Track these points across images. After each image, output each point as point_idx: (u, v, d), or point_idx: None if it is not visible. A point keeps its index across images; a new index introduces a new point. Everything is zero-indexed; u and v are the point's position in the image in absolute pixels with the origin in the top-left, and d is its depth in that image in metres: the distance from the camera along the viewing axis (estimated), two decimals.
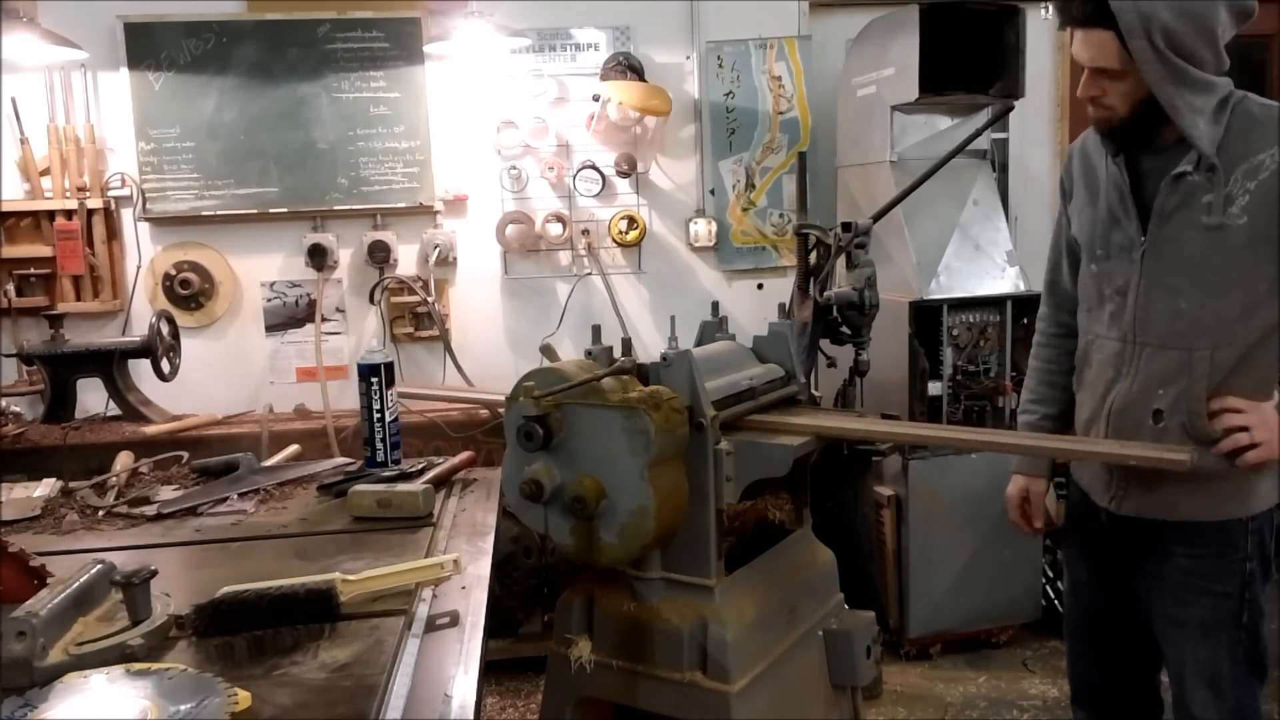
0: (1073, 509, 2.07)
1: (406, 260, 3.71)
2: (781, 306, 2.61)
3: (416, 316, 3.71)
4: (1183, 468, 1.60)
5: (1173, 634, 1.87)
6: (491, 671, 3.26)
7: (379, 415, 2.17)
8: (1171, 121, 1.72)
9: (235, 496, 2.02)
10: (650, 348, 3.60)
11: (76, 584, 1.30)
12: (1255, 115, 1.74)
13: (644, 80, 3.64)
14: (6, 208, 3.47)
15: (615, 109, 3.54)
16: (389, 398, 2.18)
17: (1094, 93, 1.78)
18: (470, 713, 1.13)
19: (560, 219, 3.69)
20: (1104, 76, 1.76)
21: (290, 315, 3.72)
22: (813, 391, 2.28)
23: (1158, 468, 1.67)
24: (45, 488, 2.08)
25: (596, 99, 3.62)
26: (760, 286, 3.90)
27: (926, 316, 3.30)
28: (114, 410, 3.23)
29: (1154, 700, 2.09)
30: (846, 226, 2.56)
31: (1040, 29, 3.95)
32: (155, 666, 1.16)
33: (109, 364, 3.15)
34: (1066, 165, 2.03)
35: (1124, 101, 1.75)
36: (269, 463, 2.33)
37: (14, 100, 3.46)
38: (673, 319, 2.31)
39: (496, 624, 3.22)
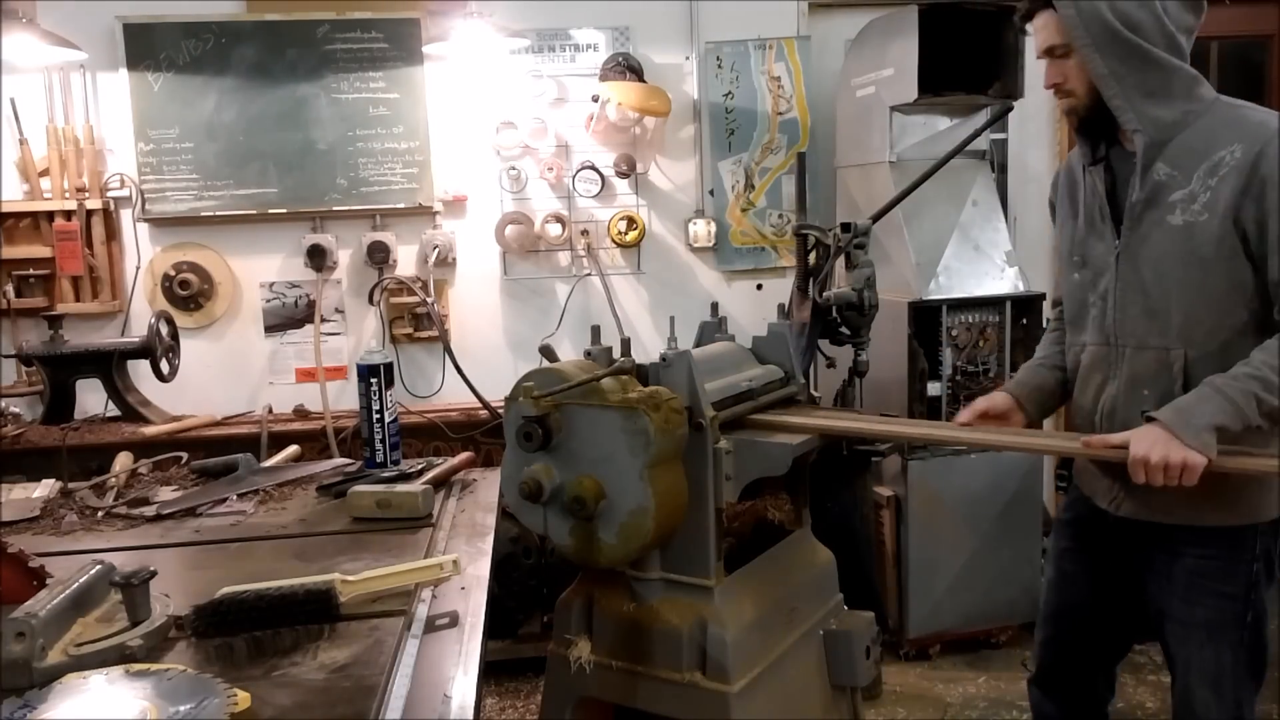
0: (1073, 507, 2.09)
1: (406, 261, 3.70)
2: (781, 307, 2.61)
3: (416, 317, 3.70)
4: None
5: (1179, 633, 1.87)
6: (491, 672, 3.26)
7: (378, 416, 2.17)
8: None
9: (234, 497, 2.02)
10: (649, 348, 3.60)
11: (76, 585, 1.30)
12: (1222, 114, 1.75)
13: (643, 81, 3.64)
14: (6, 208, 3.47)
15: (614, 110, 3.53)
16: (388, 398, 2.18)
17: (1056, 79, 1.83)
18: (470, 713, 1.13)
19: (559, 220, 3.69)
20: (1055, 58, 1.81)
21: (289, 316, 3.72)
22: (811, 392, 2.29)
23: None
24: (44, 488, 2.07)
25: (596, 100, 3.62)
26: (759, 287, 3.90)
27: (925, 317, 3.30)
28: (113, 411, 3.23)
29: (1109, 685, 2.14)
30: (845, 227, 2.57)
31: None
32: (154, 667, 1.16)
33: (108, 365, 3.14)
34: (1054, 186, 2.08)
35: (1079, 80, 1.79)
36: (268, 463, 2.33)
37: (13, 101, 3.46)
38: (672, 319, 2.31)
39: (496, 624, 3.22)
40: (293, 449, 2.48)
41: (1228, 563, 1.81)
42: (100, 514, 1.93)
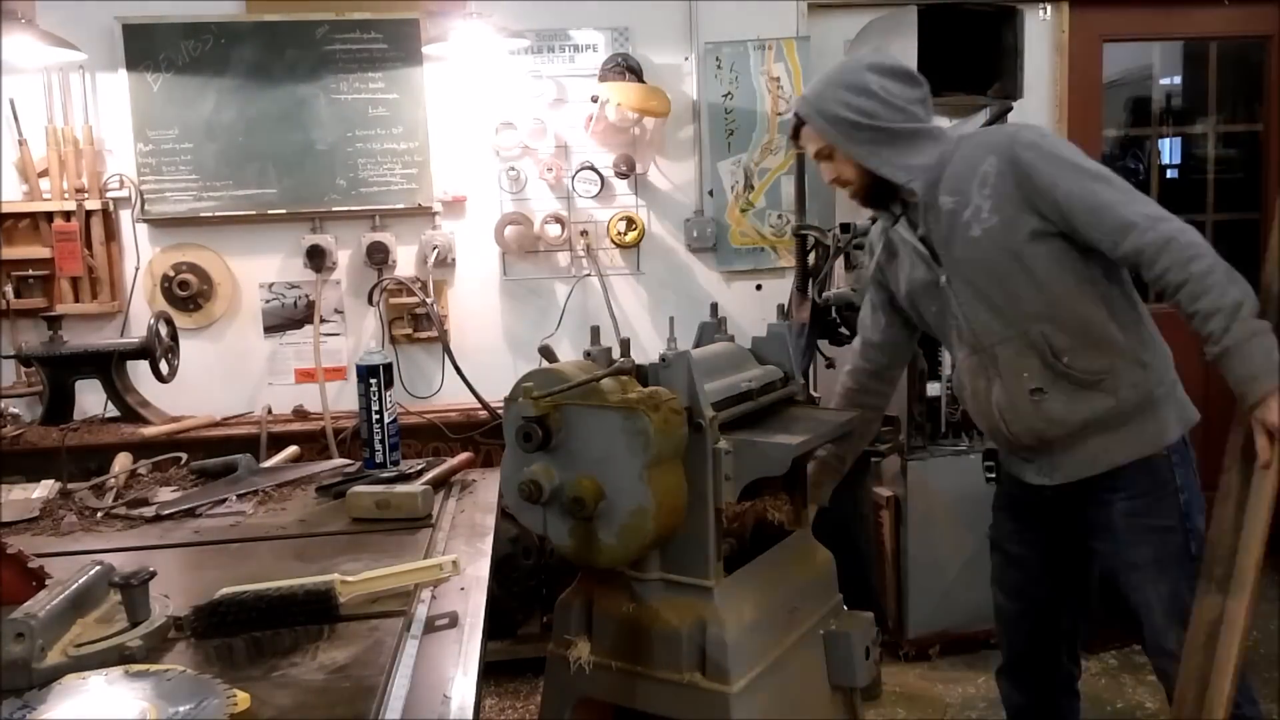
0: (1009, 493, 2.22)
1: (405, 261, 3.70)
2: (780, 307, 2.61)
3: (415, 318, 3.70)
4: None
5: (1134, 579, 1.98)
6: (490, 672, 3.26)
7: (378, 416, 2.17)
8: None
9: (234, 498, 2.02)
10: (649, 349, 3.60)
11: (75, 585, 1.30)
12: (969, 142, 2.03)
13: (642, 81, 3.64)
14: (5, 209, 3.46)
15: (614, 110, 3.53)
16: (388, 399, 2.18)
17: (831, 176, 2.11)
18: (469, 714, 1.13)
19: (559, 220, 3.69)
20: (824, 159, 2.09)
21: (289, 316, 3.71)
22: (811, 392, 2.29)
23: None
24: (44, 489, 2.08)
25: (595, 100, 3.61)
26: (759, 287, 3.90)
27: None
28: (112, 412, 3.23)
29: (1074, 660, 2.30)
30: (845, 228, 2.57)
31: (1038, 29, 3.95)
32: (154, 668, 1.16)
33: (107, 365, 3.14)
34: (870, 253, 2.30)
35: (850, 171, 2.07)
36: (268, 464, 2.33)
37: (12, 101, 3.46)
38: (671, 320, 2.30)
39: (495, 625, 3.21)
40: (292, 449, 2.48)
41: (1154, 499, 1.95)
42: (99, 515, 1.93)
